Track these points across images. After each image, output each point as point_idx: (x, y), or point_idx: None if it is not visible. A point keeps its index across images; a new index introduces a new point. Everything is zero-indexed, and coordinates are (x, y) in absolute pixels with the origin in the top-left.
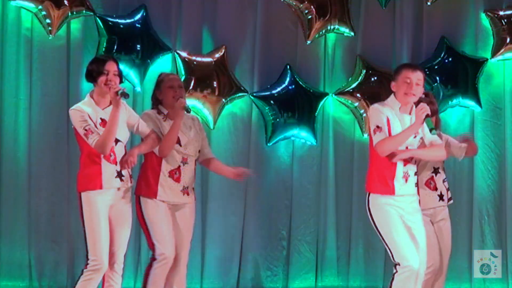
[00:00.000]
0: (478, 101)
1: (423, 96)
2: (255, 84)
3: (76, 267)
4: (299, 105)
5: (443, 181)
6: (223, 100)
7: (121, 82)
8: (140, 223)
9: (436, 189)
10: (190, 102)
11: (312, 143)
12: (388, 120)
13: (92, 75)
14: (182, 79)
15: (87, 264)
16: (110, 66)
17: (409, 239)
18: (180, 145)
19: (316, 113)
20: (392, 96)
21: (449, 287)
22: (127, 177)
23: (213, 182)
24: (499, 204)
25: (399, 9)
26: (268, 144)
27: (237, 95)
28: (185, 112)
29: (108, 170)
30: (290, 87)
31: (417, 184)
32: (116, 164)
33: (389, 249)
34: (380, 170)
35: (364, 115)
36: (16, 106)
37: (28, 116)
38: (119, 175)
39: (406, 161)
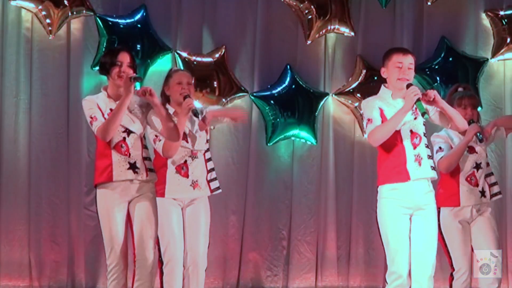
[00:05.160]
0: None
1: (462, 89)
2: (255, 84)
3: (76, 267)
4: (299, 105)
5: (486, 176)
6: (223, 100)
7: (134, 73)
8: None
9: (477, 185)
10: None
11: (312, 143)
12: (381, 111)
13: (105, 67)
14: None
15: (108, 260)
16: (124, 57)
17: (406, 246)
18: (187, 141)
19: (316, 113)
20: (382, 87)
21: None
22: (143, 169)
23: None
24: (499, 204)
25: (399, 9)
26: (268, 144)
27: (237, 95)
28: (194, 117)
29: (119, 161)
30: (290, 87)
31: (434, 168)
32: (128, 156)
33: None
34: (391, 159)
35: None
36: (16, 106)
37: (28, 116)
38: (132, 166)
39: (415, 144)
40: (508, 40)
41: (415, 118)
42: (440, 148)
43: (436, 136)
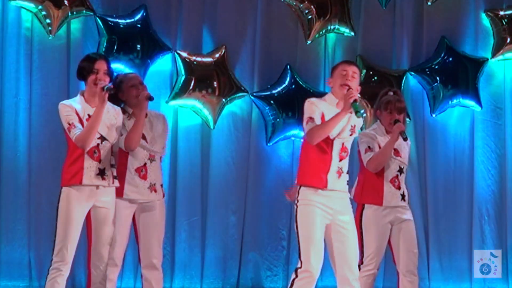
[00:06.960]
0: (479, 101)
1: (392, 93)
2: (255, 84)
3: (76, 268)
4: (299, 105)
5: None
6: (223, 100)
7: (111, 81)
8: None
9: (399, 188)
10: (190, 102)
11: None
12: (323, 115)
13: (83, 73)
14: (182, 79)
15: (52, 260)
16: (100, 65)
17: (321, 246)
18: (146, 141)
19: None
20: (329, 92)
21: (449, 287)
22: (110, 176)
23: (213, 182)
24: (499, 204)
25: (399, 9)
26: (268, 144)
27: (237, 95)
28: (149, 101)
29: (90, 166)
30: (290, 87)
31: (348, 182)
32: (99, 162)
33: (299, 248)
34: (315, 163)
35: (364, 115)
36: (16, 106)
37: (28, 116)
38: (101, 173)
39: (342, 157)
40: (508, 40)
41: (351, 135)
42: (369, 147)
43: (364, 135)
